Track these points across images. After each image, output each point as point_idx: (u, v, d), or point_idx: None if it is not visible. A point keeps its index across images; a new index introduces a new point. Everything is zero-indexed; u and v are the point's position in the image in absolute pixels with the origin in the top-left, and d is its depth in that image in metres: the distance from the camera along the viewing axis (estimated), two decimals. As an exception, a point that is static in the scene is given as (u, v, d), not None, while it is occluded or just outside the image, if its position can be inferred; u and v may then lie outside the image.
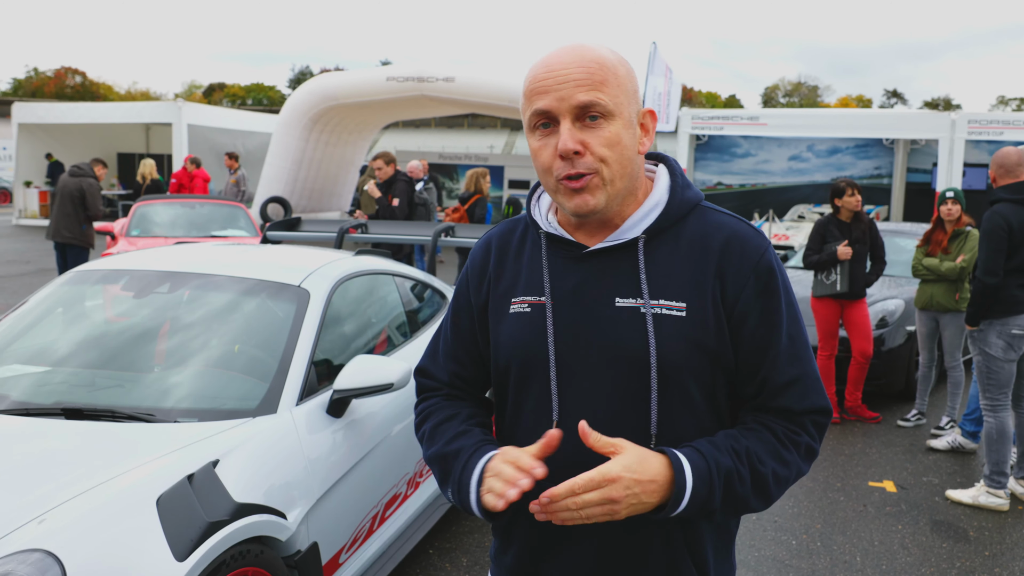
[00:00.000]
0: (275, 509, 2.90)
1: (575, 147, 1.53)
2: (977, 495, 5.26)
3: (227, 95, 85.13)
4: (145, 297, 3.97)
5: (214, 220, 11.89)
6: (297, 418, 3.30)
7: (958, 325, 6.59)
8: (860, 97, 79.29)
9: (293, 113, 19.47)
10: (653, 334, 1.57)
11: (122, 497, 2.58)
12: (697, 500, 1.51)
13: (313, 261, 4.21)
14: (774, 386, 1.61)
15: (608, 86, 1.55)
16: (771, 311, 1.61)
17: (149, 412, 3.21)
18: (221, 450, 2.90)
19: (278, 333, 3.66)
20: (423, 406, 1.83)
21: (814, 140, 21.53)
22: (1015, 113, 22.73)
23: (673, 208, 1.65)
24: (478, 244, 1.83)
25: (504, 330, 1.70)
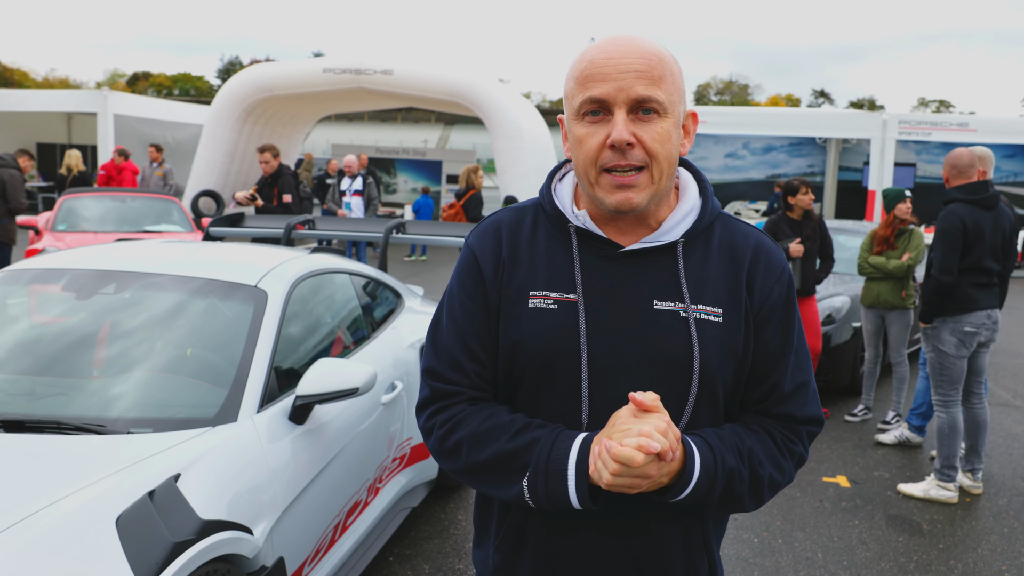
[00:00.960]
0: (241, 524, 2.75)
1: (629, 138, 1.49)
2: (928, 488, 5.36)
3: (152, 84, 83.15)
4: (89, 298, 3.76)
5: (146, 215, 11.50)
6: (259, 426, 3.15)
7: (904, 322, 6.70)
8: (789, 96, 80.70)
9: (226, 104, 19.06)
10: (696, 339, 1.56)
11: (77, 518, 2.38)
12: (699, 491, 1.51)
13: (268, 260, 4.05)
14: (781, 393, 1.64)
15: (665, 82, 1.53)
16: (788, 322, 1.65)
17: (99, 423, 3.01)
18: (182, 463, 2.73)
19: (235, 336, 3.50)
20: (446, 415, 1.64)
21: (749, 138, 21.83)
22: (944, 115, 23.43)
23: (706, 214, 1.64)
24: (482, 230, 1.71)
25: (523, 325, 1.60)
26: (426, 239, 6.31)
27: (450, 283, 1.73)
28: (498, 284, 1.65)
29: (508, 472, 1.56)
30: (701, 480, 1.50)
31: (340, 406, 3.65)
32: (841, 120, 21.14)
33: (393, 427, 4.22)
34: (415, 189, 21.50)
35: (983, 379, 5.51)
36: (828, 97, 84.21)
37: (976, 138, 17.35)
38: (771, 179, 21.87)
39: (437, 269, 15.67)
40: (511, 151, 17.27)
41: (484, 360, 1.66)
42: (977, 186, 5.19)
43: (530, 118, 18.58)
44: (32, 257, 4.23)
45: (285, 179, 9.38)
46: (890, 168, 18.31)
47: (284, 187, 9.28)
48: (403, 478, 4.39)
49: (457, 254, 17.03)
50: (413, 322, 4.95)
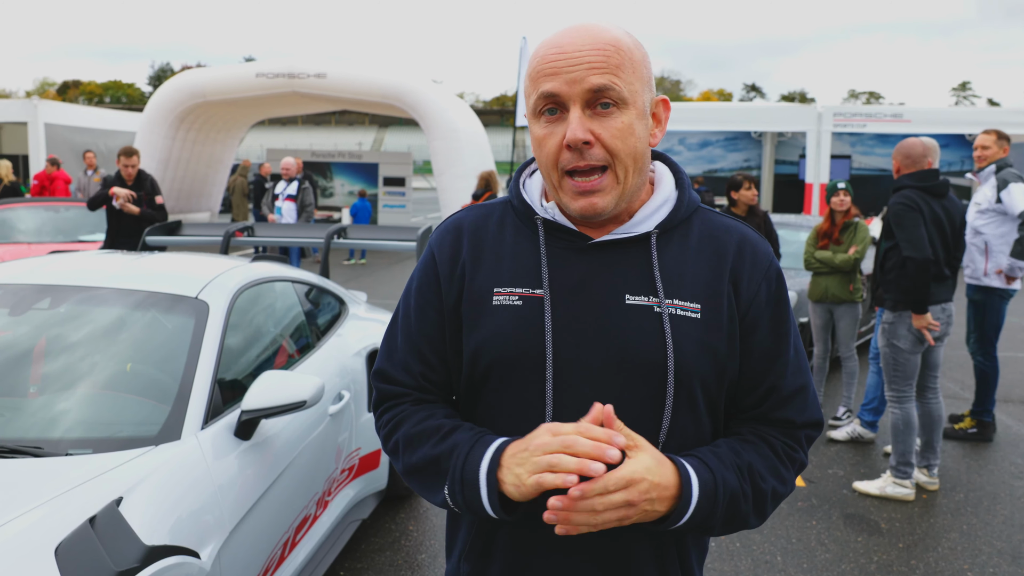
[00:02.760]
0: (187, 548, 2.62)
1: (584, 136, 1.40)
2: (884, 486, 5.31)
3: (83, 92, 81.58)
4: (24, 314, 3.59)
5: (81, 224, 11.21)
6: (203, 444, 3.01)
7: (852, 316, 6.70)
8: (721, 91, 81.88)
9: (158, 111, 18.76)
10: (671, 336, 1.46)
11: (14, 547, 2.24)
12: (699, 516, 1.43)
13: (208, 269, 3.90)
14: (779, 397, 1.55)
15: (624, 71, 1.43)
16: (781, 320, 1.56)
17: (36, 444, 2.86)
18: (123, 485, 2.59)
19: (176, 350, 3.35)
20: (390, 415, 1.62)
21: (685, 133, 21.99)
22: (878, 106, 23.82)
23: (682, 206, 1.55)
24: (443, 230, 1.63)
25: (487, 324, 1.52)
26: (368, 243, 6.20)
27: (409, 282, 1.67)
28: (456, 285, 1.57)
29: (434, 477, 1.51)
30: (701, 504, 1.42)
31: (287, 419, 3.53)
32: (776, 113, 21.39)
33: (341, 438, 4.10)
34: (352, 192, 21.25)
35: (937, 373, 5.48)
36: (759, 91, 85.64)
37: (910, 129, 17.66)
38: (707, 174, 22.05)
39: (377, 272, 15.49)
40: (448, 152, 17.22)
41: (433, 362, 1.60)
42: (927, 173, 5.16)
43: (466, 118, 18.54)
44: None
45: (151, 182, 8.98)
46: (826, 160, 18.58)
47: (153, 189, 8.90)
48: (352, 490, 4.28)
49: (399, 257, 16.91)
50: (358, 329, 4.83)
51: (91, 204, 8.84)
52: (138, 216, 8.53)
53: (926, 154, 5.22)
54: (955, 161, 20.90)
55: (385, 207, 22.07)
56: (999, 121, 17.07)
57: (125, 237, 8.45)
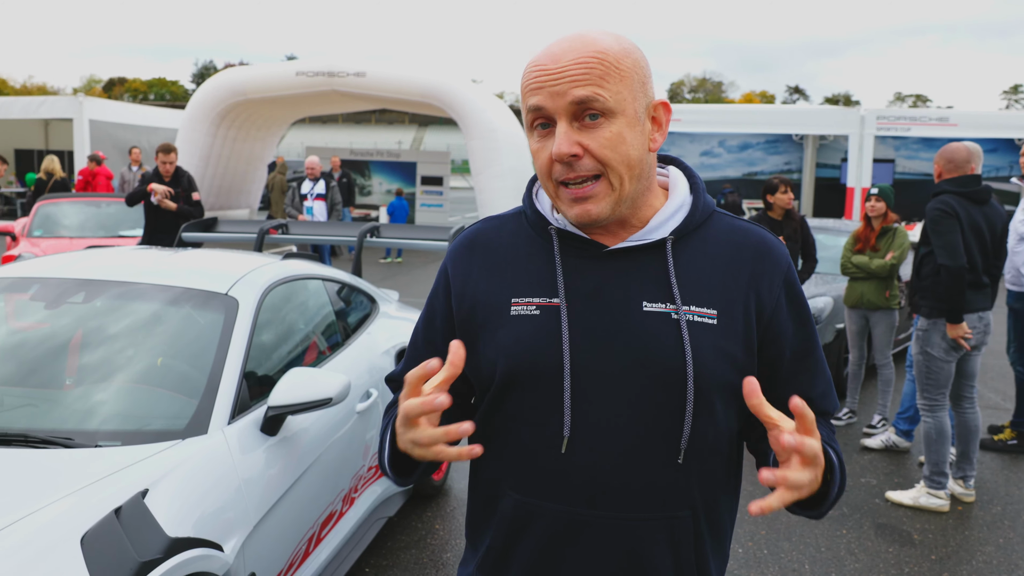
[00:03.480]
0: (211, 542, 2.65)
1: (570, 150, 1.41)
2: (917, 496, 5.23)
3: (128, 90, 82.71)
4: (58, 307, 3.65)
5: (122, 219, 11.37)
6: (230, 438, 3.05)
7: (888, 322, 6.62)
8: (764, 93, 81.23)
9: (200, 108, 18.92)
10: (689, 342, 1.45)
11: (41, 536, 2.29)
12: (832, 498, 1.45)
13: (239, 266, 3.94)
14: (813, 394, 1.58)
15: (609, 80, 1.41)
16: (805, 320, 1.58)
17: (67, 436, 2.91)
18: (150, 478, 2.64)
19: (206, 345, 3.40)
20: (390, 417, 1.63)
21: (725, 136, 21.82)
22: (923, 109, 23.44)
23: (697, 211, 1.55)
24: (457, 244, 1.66)
25: (506, 335, 1.52)
26: (400, 243, 6.23)
27: (430, 293, 1.70)
28: (469, 299, 1.59)
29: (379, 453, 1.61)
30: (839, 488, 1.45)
31: (314, 416, 3.56)
32: (818, 116, 21.12)
33: (369, 435, 4.13)
34: (389, 191, 21.37)
35: (974, 383, 5.37)
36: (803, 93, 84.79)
37: (957, 133, 17.35)
38: (747, 177, 21.87)
39: (413, 271, 15.55)
40: (485, 152, 17.21)
41: None
42: (968, 179, 5.06)
43: (504, 118, 18.51)
44: (6, 264, 4.13)
45: (188, 178, 9.05)
46: (868, 164, 18.32)
47: (190, 186, 8.94)
48: (379, 487, 4.30)
49: (434, 256, 16.96)
50: (388, 328, 4.85)
51: (129, 200, 8.93)
52: (175, 212, 8.58)
53: (970, 159, 5.10)
54: (1003, 166, 20.50)
55: (423, 206, 22.15)
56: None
57: (162, 233, 8.51)
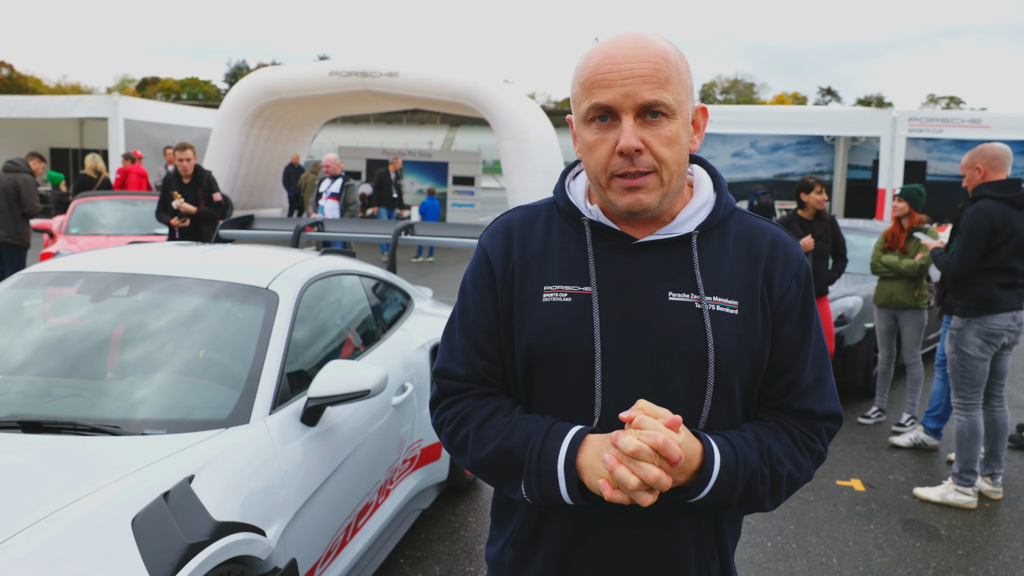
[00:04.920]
0: (254, 526, 2.74)
1: (638, 145, 1.48)
2: (945, 493, 5.26)
3: (161, 89, 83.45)
4: (103, 301, 3.76)
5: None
6: (271, 428, 3.14)
7: (918, 322, 6.64)
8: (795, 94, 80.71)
9: (233, 108, 19.14)
10: (711, 330, 1.54)
11: (93, 518, 2.39)
12: (719, 490, 1.50)
13: (279, 262, 4.04)
14: (800, 388, 1.63)
15: (672, 84, 1.51)
16: (807, 315, 1.64)
17: (114, 424, 3.02)
18: (195, 464, 2.73)
19: (247, 338, 3.49)
20: (454, 410, 1.67)
21: (757, 137, 21.77)
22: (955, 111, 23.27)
23: (720, 208, 1.65)
24: (493, 230, 1.72)
25: (538, 320, 1.59)
26: (434, 240, 6.31)
27: (463, 282, 1.74)
28: (508, 281, 1.65)
29: (507, 471, 1.58)
30: (721, 479, 1.49)
31: (351, 408, 3.64)
32: (850, 118, 21.04)
33: (404, 429, 4.21)
34: (421, 191, 21.50)
35: (1004, 382, 5.41)
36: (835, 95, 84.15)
37: (989, 134, 17.22)
38: (778, 178, 21.81)
39: (444, 270, 15.65)
40: (517, 152, 17.28)
41: (494, 356, 1.67)
42: (1009, 183, 5.07)
43: (536, 119, 18.58)
44: (47, 260, 4.24)
45: (208, 178, 8.90)
46: (900, 166, 18.21)
47: (210, 186, 8.83)
48: (413, 480, 4.38)
49: (465, 255, 17.05)
50: (423, 324, 4.93)
51: (158, 216, 8.98)
52: (196, 216, 8.61)
53: (1006, 161, 5.15)
54: (1035, 170, 20.34)
55: (454, 206, 22.28)
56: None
57: (185, 236, 8.63)
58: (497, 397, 1.67)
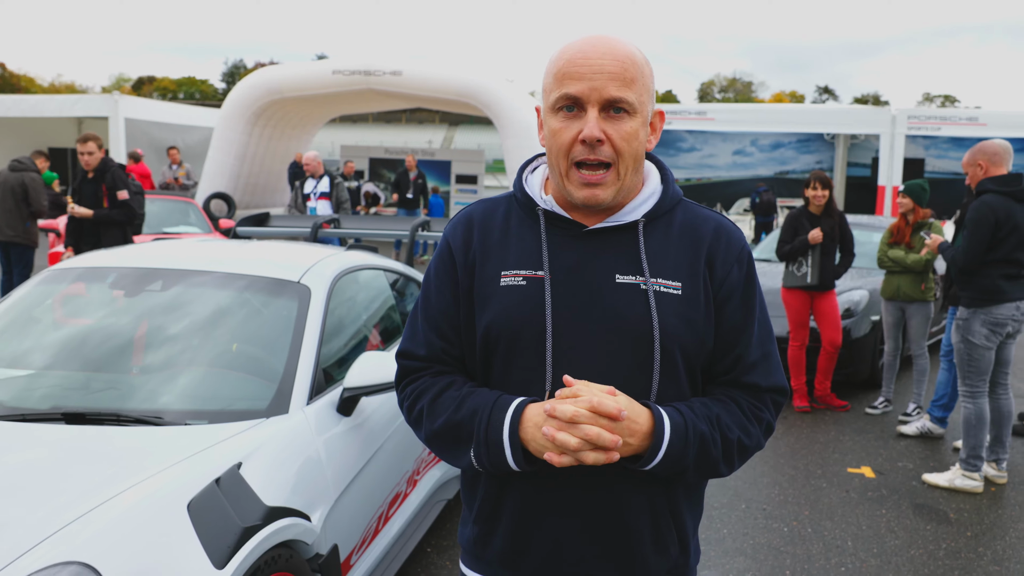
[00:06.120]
0: (301, 511, 2.83)
1: (599, 135, 1.61)
2: (953, 478, 5.42)
3: (157, 88, 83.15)
4: (137, 295, 3.85)
5: (164, 216, 11.49)
6: (309, 418, 3.23)
7: (924, 314, 6.78)
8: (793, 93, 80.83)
9: (236, 107, 19.20)
10: (655, 308, 1.66)
11: (151, 502, 2.46)
12: (672, 455, 1.61)
13: (308, 257, 4.13)
14: (746, 363, 1.75)
15: (636, 85, 1.64)
16: (749, 296, 1.77)
17: (156, 415, 3.09)
18: (241, 452, 2.81)
19: (282, 330, 3.58)
20: (412, 387, 1.81)
21: (757, 135, 21.89)
22: (953, 109, 23.44)
23: (666, 198, 1.77)
24: (455, 222, 1.84)
25: (496, 302, 1.72)
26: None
27: (427, 271, 1.87)
28: (469, 268, 1.77)
29: (457, 442, 1.71)
30: (673, 444, 1.60)
31: (380, 400, 3.71)
32: (849, 116, 21.19)
33: (429, 420, 4.29)
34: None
35: (1008, 370, 5.56)
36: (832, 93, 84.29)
37: (986, 132, 17.37)
38: (779, 176, 21.94)
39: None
40: (521, 150, 17.35)
41: (452, 338, 1.79)
42: (1011, 178, 5.25)
43: (539, 118, 18.62)
44: (76, 256, 4.31)
45: (114, 173, 7.72)
46: (899, 163, 18.35)
47: (114, 183, 7.65)
48: (438, 471, 4.47)
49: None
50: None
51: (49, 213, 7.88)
52: (92, 220, 7.61)
53: (1006, 157, 5.34)
54: (1030, 166, 20.52)
55: (457, 204, 22.35)
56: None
57: (86, 243, 7.61)
58: (452, 375, 1.79)
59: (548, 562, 1.74)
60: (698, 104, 37.55)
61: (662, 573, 1.77)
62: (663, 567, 1.77)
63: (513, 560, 1.78)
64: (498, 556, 1.80)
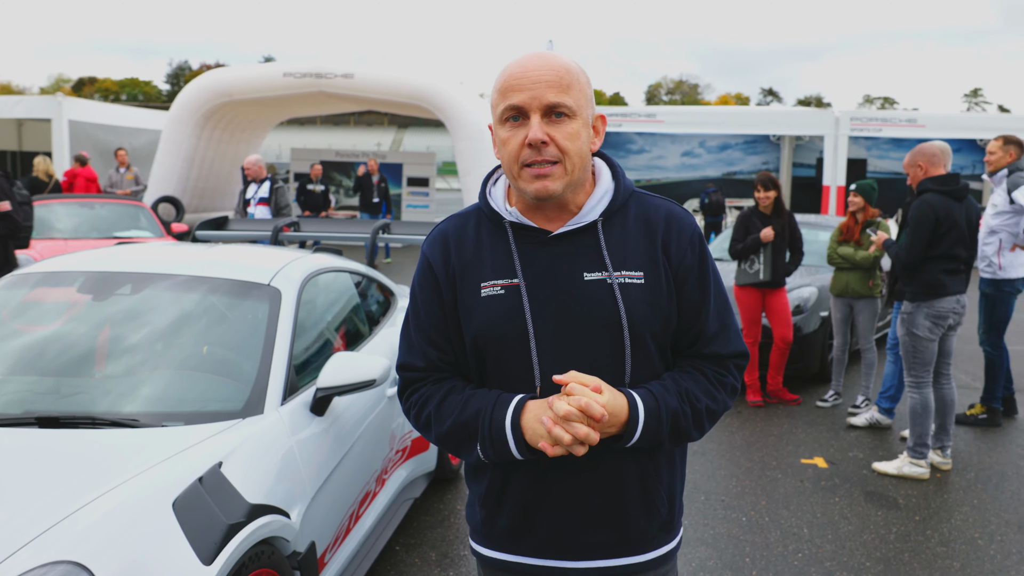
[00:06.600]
0: (282, 509, 2.89)
1: (543, 137, 1.77)
2: (901, 466, 5.65)
3: (99, 90, 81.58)
4: (106, 299, 3.86)
5: (115, 221, 11.34)
6: (284, 418, 3.28)
7: (871, 310, 7.01)
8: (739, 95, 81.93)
9: (184, 109, 18.98)
10: (621, 300, 1.83)
11: (137, 501, 2.50)
12: (648, 433, 1.80)
13: (275, 260, 4.18)
14: (706, 336, 1.93)
15: (572, 91, 1.81)
16: (704, 275, 1.93)
17: (132, 418, 3.12)
18: (221, 452, 2.86)
19: (254, 332, 3.62)
20: (416, 396, 1.97)
21: (705, 136, 22.23)
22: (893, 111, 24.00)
23: (619, 194, 1.92)
24: (432, 240, 1.99)
25: (480, 312, 1.88)
26: (411, 239, 6.48)
27: (412, 287, 2.02)
28: (451, 283, 1.92)
29: (464, 440, 1.87)
30: (648, 423, 1.79)
31: (350, 400, 3.77)
32: (795, 118, 21.64)
33: (396, 420, 4.36)
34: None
35: (950, 361, 5.82)
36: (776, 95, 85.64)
37: (925, 133, 17.91)
38: (727, 176, 22.30)
39: (404, 271, 15.73)
40: (474, 153, 17.43)
41: (445, 347, 1.95)
42: (949, 178, 5.55)
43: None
44: (41, 261, 4.29)
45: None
46: (843, 164, 18.79)
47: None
48: (404, 470, 4.53)
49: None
50: (409, 319, 5.08)
51: None
52: None
53: (944, 158, 5.64)
54: (967, 165, 21.18)
55: (408, 207, 22.32)
56: (1010, 127, 17.21)
57: None
58: (451, 380, 1.95)
59: (551, 535, 1.91)
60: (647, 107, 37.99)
61: (652, 531, 1.95)
62: (653, 526, 1.94)
63: (519, 535, 1.95)
64: (505, 533, 1.96)
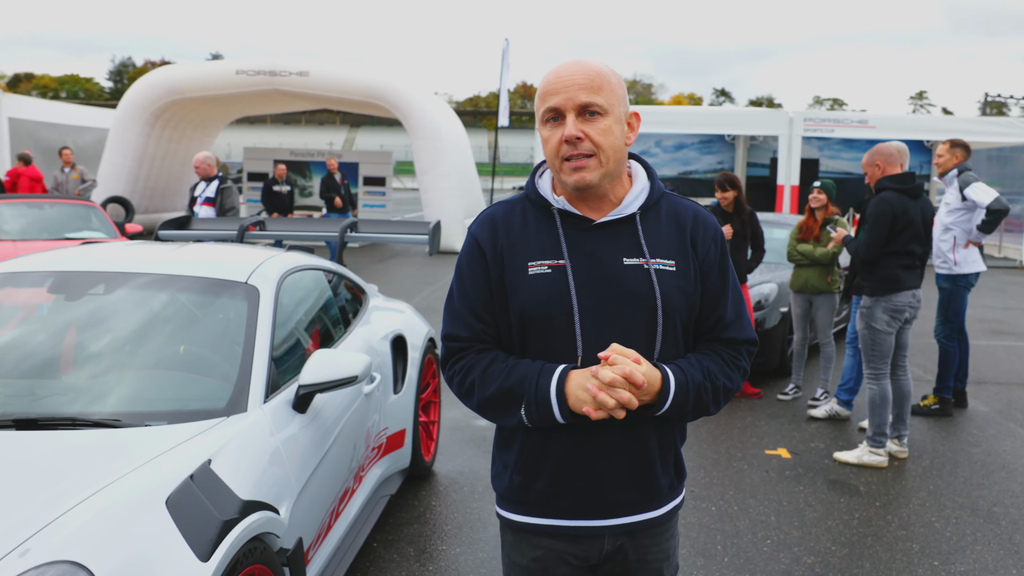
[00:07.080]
0: (271, 505, 2.89)
1: (577, 134, 1.97)
2: (861, 455, 5.85)
3: (36, 86, 79.69)
4: (79, 299, 3.82)
5: (66, 222, 10.94)
6: (267, 415, 3.27)
7: (830, 305, 7.20)
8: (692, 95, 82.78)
9: (133, 107, 18.71)
10: (657, 283, 2.03)
11: (130, 500, 2.50)
12: (677, 404, 2.00)
13: (250, 258, 4.16)
14: (724, 322, 2.15)
15: (603, 91, 2.00)
16: (724, 268, 2.16)
17: (114, 418, 3.09)
18: (209, 450, 2.85)
19: (234, 330, 3.61)
20: (461, 364, 2.11)
21: (662, 136, 22.45)
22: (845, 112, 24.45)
23: (654, 192, 2.14)
24: (481, 222, 2.16)
25: (527, 289, 2.05)
26: (381, 237, 6.49)
27: (458, 264, 2.18)
28: (498, 261, 2.08)
29: (508, 405, 2.03)
30: (677, 395, 1.99)
31: (328, 397, 3.76)
32: (749, 118, 21.98)
33: (373, 418, 4.37)
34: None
35: (907, 353, 6.05)
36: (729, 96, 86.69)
37: (875, 134, 18.30)
38: (683, 175, 22.58)
39: (364, 269, 15.63)
40: (431, 152, 17.43)
41: (488, 320, 2.11)
42: (906, 176, 5.77)
43: (448, 119, 18.77)
44: (8, 260, 4.20)
45: None
46: (797, 163, 19.12)
47: None
48: (380, 468, 4.55)
49: (382, 255, 17.09)
50: (381, 316, 5.12)
51: None
52: None
53: (901, 158, 5.87)
54: (914, 165, 21.60)
55: (365, 207, 22.17)
56: (956, 129, 17.67)
57: None
58: (493, 351, 2.11)
59: (587, 494, 2.11)
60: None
61: (667, 488, 2.18)
62: (668, 483, 2.18)
63: (554, 497, 2.12)
64: (541, 497, 2.13)
